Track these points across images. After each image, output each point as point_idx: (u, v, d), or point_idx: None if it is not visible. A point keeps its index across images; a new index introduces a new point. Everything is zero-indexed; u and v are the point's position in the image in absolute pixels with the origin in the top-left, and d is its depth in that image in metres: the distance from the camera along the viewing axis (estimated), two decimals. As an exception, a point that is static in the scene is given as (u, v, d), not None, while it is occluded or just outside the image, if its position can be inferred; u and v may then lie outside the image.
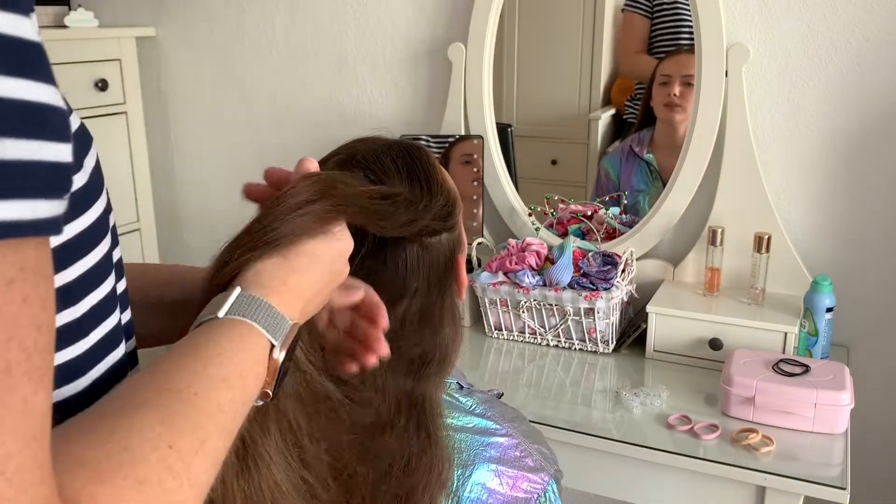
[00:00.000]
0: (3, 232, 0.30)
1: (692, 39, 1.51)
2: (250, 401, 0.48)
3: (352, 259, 0.59)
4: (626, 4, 1.71)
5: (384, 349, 0.66)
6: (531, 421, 1.24)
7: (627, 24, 1.73)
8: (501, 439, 0.81)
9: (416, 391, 0.72)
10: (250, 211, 0.59)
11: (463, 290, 0.78)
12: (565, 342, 1.51)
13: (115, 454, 0.36)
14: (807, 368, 1.22)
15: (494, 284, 1.50)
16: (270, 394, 0.49)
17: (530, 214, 1.69)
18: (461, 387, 0.86)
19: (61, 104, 0.33)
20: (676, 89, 1.61)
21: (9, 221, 0.30)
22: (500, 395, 0.99)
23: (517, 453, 0.81)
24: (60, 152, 0.32)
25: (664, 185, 1.64)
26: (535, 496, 0.80)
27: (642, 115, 1.71)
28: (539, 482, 0.80)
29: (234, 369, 0.46)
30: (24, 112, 0.31)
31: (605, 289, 1.43)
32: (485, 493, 0.77)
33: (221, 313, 0.48)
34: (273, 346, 0.49)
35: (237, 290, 0.50)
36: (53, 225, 0.32)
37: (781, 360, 1.25)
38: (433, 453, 0.71)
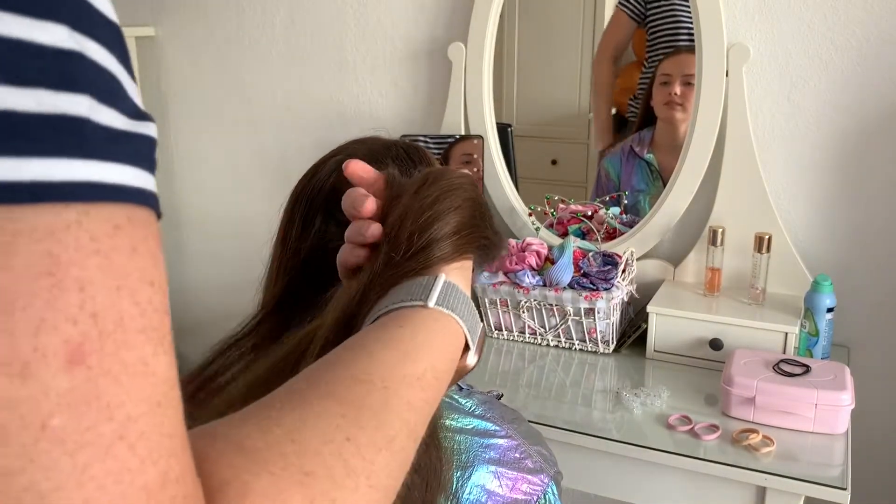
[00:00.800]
0: (113, 194, 0.28)
1: (691, 40, 1.51)
2: (436, 405, 0.42)
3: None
4: (619, 2, 1.71)
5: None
6: (531, 421, 1.24)
7: (614, 21, 1.72)
8: (501, 441, 0.81)
9: None
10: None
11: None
12: (565, 342, 1.51)
13: (279, 444, 0.33)
14: (807, 369, 1.22)
15: (494, 284, 1.50)
16: None
17: (530, 214, 1.69)
18: (461, 388, 0.86)
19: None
20: (677, 88, 1.61)
21: (119, 184, 0.28)
22: (499, 396, 0.99)
23: (517, 455, 0.81)
24: (155, 131, 0.32)
25: (664, 184, 1.64)
26: (535, 498, 0.80)
27: (642, 114, 1.71)
28: (539, 484, 0.80)
29: (430, 367, 0.41)
30: (134, 91, 0.30)
31: (606, 289, 1.43)
32: (484, 495, 0.77)
33: (431, 302, 0.44)
34: (468, 347, 0.44)
35: (442, 277, 0.45)
36: (156, 199, 0.31)
37: (782, 361, 1.25)
38: (431, 453, 0.71)
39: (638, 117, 1.73)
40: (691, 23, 1.51)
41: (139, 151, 0.30)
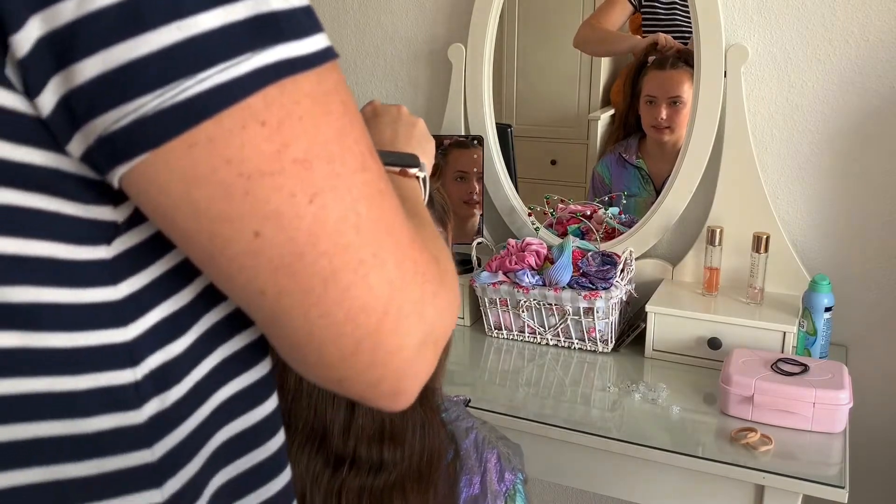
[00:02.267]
0: (321, 57, 0.38)
1: (683, 42, 1.52)
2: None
3: None
4: None
5: None
6: (531, 420, 1.25)
7: (609, 2, 1.69)
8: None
9: None
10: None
11: None
12: (565, 341, 1.51)
13: (439, 263, 0.47)
14: (805, 368, 1.23)
15: (494, 284, 1.50)
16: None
17: (530, 214, 1.69)
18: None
19: None
20: (663, 112, 1.61)
21: (321, 49, 0.39)
22: (467, 402, 0.99)
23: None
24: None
25: (656, 189, 1.65)
26: (504, 490, 0.81)
27: (626, 123, 1.71)
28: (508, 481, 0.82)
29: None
30: None
31: (605, 288, 1.44)
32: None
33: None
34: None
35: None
36: (333, 51, 0.40)
37: (780, 360, 1.25)
38: (435, 433, 0.73)
39: (621, 125, 1.73)
40: (685, 25, 1.52)
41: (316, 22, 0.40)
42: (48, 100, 0.35)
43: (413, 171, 0.65)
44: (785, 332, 1.36)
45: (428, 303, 0.43)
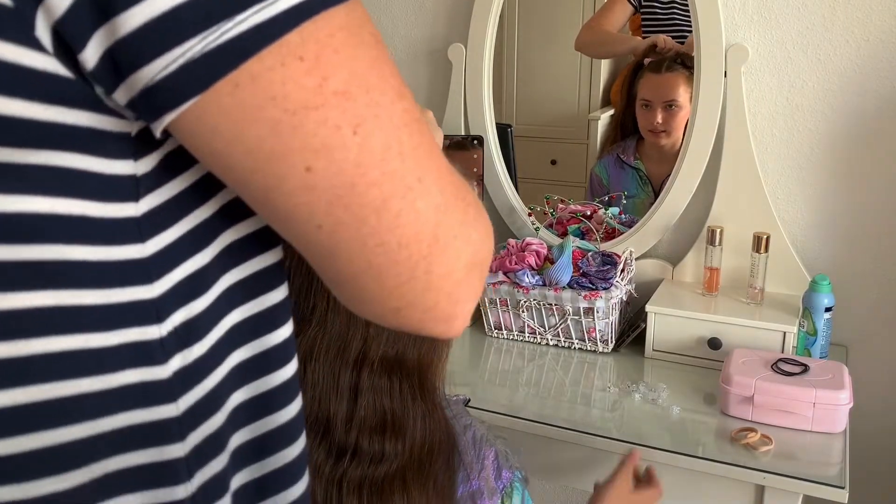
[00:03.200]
0: None
1: (682, 43, 1.52)
2: None
3: None
4: None
5: None
6: (531, 420, 1.25)
7: (609, 4, 1.69)
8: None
9: (404, 355, 0.74)
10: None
11: None
12: (565, 342, 1.51)
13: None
14: (806, 368, 1.23)
15: (494, 284, 1.50)
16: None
17: (530, 214, 1.69)
18: None
19: None
20: (659, 117, 1.61)
21: None
22: (466, 402, 0.99)
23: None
24: None
25: (654, 190, 1.65)
26: (501, 487, 0.81)
27: (623, 124, 1.71)
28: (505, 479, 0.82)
29: None
30: None
31: (605, 288, 1.44)
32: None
33: None
34: None
35: None
36: None
37: (780, 360, 1.25)
38: (436, 424, 0.73)
39: (617, 126, 1.73)
40: (685, 25, 1.52)
41: None
42: (91, 55, 0.36)
43: None
44: (785, 333, 1.36)
45: (471, 225, 0.45)
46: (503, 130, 1.75)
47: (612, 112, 1.79)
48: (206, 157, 0.39)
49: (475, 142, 1.66)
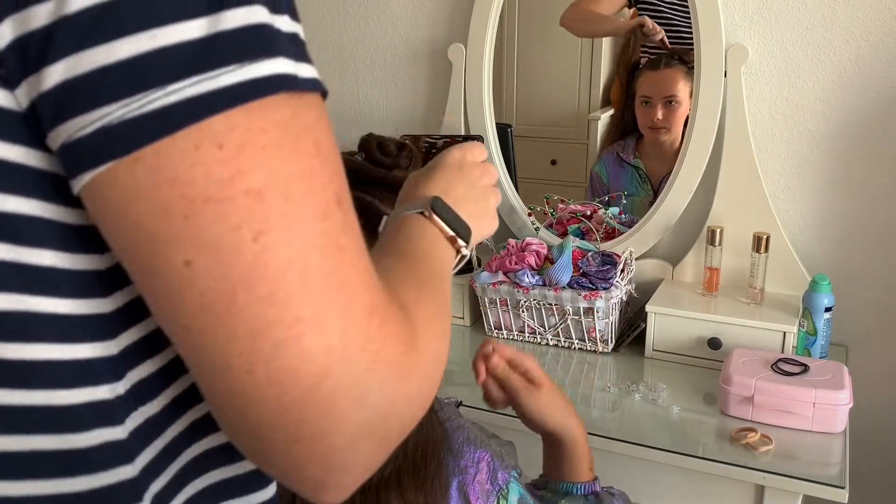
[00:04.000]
0: (307, 84, 0.37)
1: (680, 42, 1.52)
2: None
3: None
4: None
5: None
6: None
7: None
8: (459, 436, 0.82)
9: None
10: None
11: None
12: (565, 342, 1.51)
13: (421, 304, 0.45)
14: (805, 368, 1.23)
15: (494, 284, 1.50)
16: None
17: (530, 214, 1.69)
18: None
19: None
20: (659, 113, 1.61)
21: (307, 77, 0.37)
22: (458, 404, 0.99)
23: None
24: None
25: (653, 189, 1.65)
26: (497, 489, 0.81)
27: (623, 122, 1.71)
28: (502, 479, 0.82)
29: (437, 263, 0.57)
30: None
31: (605, 288, 1.44)
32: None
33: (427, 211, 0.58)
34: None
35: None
36: (320, 84, 0.38)
37: (780, 360, 1.25)
38: (430, 426, 0.73)
39: (620, 124, 1.73)
40: (682, 24, 1.52)
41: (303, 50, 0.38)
42: (23, 99, 0.34)
43: (461, 243, 0.60)
44: (785, 332, 1.36)
45: (374, 387, 0.37)
46: (503, 130, 1.75)
47: (611, 112, 1.79)
48: (101, 227, 0.36)
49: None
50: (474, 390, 1.36)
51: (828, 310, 1.36)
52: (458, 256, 0.60)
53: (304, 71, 0.37)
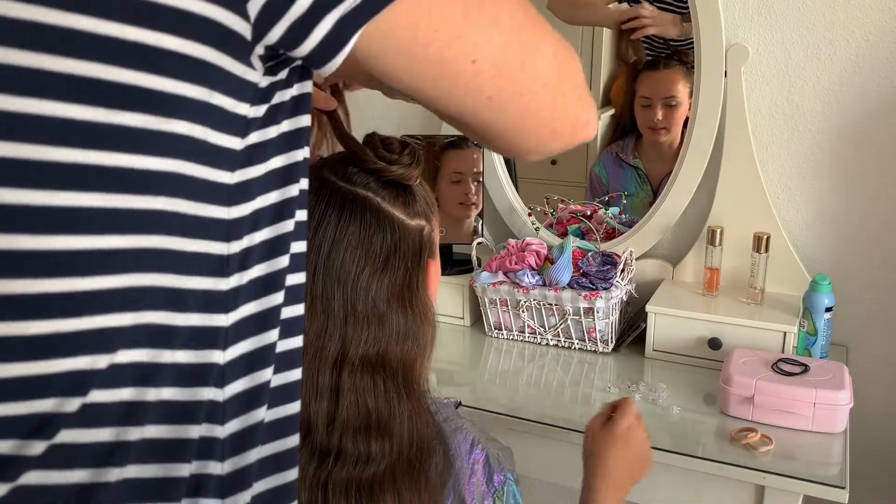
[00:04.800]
0: None
1: (680, 42, 1.52)
2: None
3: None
4: None
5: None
6: (531, 421, 1.25)
7: None
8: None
9: (386, 353, 0.73)
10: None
11: (433, 293, 0.78)
12: (565, 342, 1.51)
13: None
14: (806, 368, 1.23)
15: (494, 284, 1.50)
16: None
17: (530, 214, 1.69)
18: None
19: None
20: (659, 114, 1.61)
21: None
22: (458, 405, 0.99)
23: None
24: None
25: (653, 189, 1.65)
26: (493, 491, 0.81)
27: (622, 122, 1.71)
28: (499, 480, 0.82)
29: None
30: None
31: (605, 288, 1.44)
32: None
33: None
34: None
35: None
36: None
37: (780, 360, 1.25)
38: (423, 422, 0.73)
39: (619, 124, 1.73)
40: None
41: None
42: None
43: None
44: (785, 333, 1.36)
45: (566, 62, 0.58)
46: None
47: (611, 112, 1.79)
48: (395, 67, 0.51)
49: (475, 142, 1.66)
50: (474, 391, 1.36)
51: (828, 310, 1.36)
52: None
53: None
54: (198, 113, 0.46)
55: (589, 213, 1.68)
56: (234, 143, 0.49)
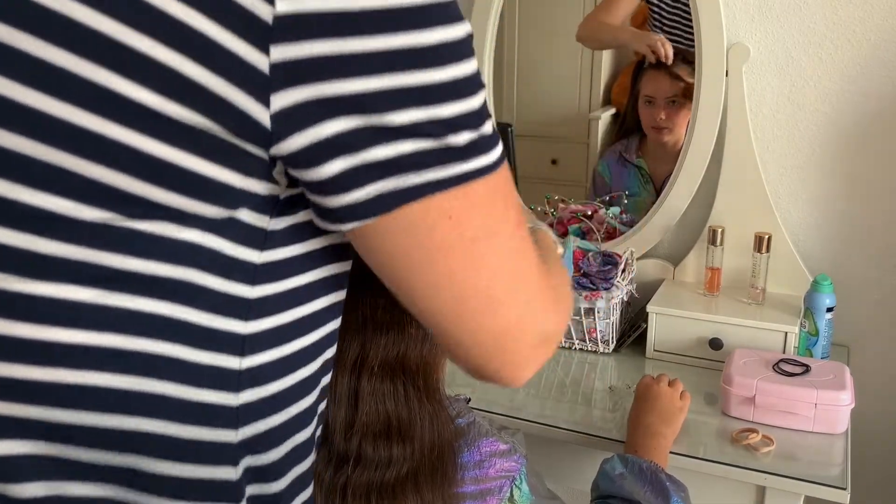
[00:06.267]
0: (498, 163, 0.49)
1: (684, 42, 1.52)
2: None
3: None
4: None
5: None
6: (531, 421, 1.24)
7: None
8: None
9: (406, 354, 0.74)
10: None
11: None
12: (565, 342, 1.51)
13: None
14: (807, 368, 1.22)
15: (495, 284, 1.50)
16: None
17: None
18: None
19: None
20: (662, 113, 1.61)
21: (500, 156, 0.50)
22: (468, 401, 0.99)
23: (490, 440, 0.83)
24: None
25: (656, 189, 1.65)
26: (511, 479, 0.81)
27: (626, 121, 1.71)
28: (514, 466, 0.82)
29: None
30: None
31: (606, 288, 1.43)
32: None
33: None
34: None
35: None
36: (503, 158, 0.51)
37: (782, 360, 1.25)
38: (443, 424, 0.73)
39: (624, 122, 1.72)
40: (685, 24, 1.51)
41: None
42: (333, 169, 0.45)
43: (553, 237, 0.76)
44: (786, 333, 1.36)
45: (549, 311, 0.56)
46: (503, 130, 1.74)
47: (612, 111, 1.78)
48: (382, 262, 0.50)
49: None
50: (475, 391, 1.35)
51: (829, 310, 1.35)
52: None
53: (498, 150, 0.50)
54: (212, 226, 0.46)
55: (589, 212, 1.68)
56: (253, 256, 0.48)
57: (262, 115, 0.42)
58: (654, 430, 1.09)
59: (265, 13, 0.40)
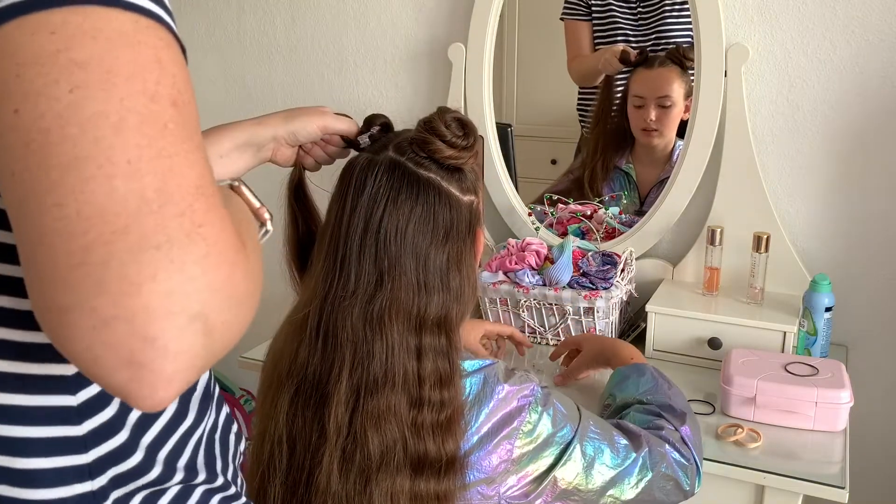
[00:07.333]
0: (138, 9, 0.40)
1: (673, 43, 1.52)
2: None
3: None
4: (563, 12, 1.69)
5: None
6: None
7: (569, 31, 1.69)
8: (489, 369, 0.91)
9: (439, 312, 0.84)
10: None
11: (478, 257, 0.91)
12: (565, 341, 1.51)
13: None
14: (807, 367, 1.23)
15: (494, 284, 1.50)
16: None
17: (530, 214, 1.69)
18: None
19: None
20: (652, 114, 1.60)
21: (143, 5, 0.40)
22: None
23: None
24: None
25: (640, 197, 1.65)
26: (528, 403, 0.90)
27: (617, 126, 1.71)
28: (529, 392, 0.91)
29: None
30: None
31: (605, 288, 1.44)
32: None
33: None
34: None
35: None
36: (163, 18, 0.42)
37: (781, 360, 1.25)
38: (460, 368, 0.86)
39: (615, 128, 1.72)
40: (676, 24, 1.52)
41: None
42: None
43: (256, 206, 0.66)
44: (785, 332, 1.36)
45: (193, 258, 0.38)
46: (503, 130, 1.75)
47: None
48: None
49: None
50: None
51: (828, 309, 1.36)
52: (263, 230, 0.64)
53: (149, 5, 0.41)
54: None
55: (589, 212, 1.68)
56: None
57: None
58: (616, 343, 1.27)
59: None
